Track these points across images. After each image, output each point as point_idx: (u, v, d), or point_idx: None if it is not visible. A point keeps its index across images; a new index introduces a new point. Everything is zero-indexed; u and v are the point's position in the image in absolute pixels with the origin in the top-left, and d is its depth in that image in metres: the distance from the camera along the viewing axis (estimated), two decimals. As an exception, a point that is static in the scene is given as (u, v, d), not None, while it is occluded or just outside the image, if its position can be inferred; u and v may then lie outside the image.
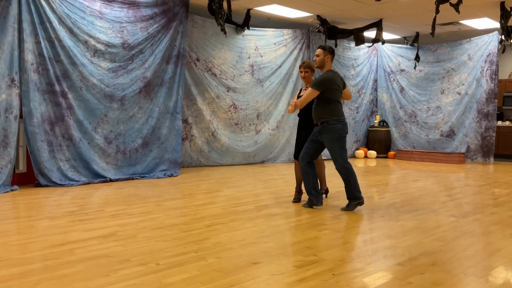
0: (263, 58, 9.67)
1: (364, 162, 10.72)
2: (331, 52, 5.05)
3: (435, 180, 7.85)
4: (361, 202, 5.10)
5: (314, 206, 5.19)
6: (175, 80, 7.79)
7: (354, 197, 5.06)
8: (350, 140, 11.60)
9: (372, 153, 11.67)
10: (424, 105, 11.52)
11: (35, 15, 6.21)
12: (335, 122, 4.96)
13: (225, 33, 7.98)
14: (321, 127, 5.00)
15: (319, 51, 5.05)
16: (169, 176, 7.59)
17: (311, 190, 5.15)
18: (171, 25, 7.68)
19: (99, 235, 3.92)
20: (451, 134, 11.11)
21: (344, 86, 5.18)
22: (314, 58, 5.13)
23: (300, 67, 5.59)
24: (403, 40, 11.61)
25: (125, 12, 7.15)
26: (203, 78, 8.76)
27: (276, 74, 9.86)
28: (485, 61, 10.52)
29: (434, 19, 7.84)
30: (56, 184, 6.37)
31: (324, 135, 4.99)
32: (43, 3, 6.26)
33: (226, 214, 4.86)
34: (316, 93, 4.92)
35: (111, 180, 6.96)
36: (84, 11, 6.70)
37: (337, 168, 5.04)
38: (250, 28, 9.27)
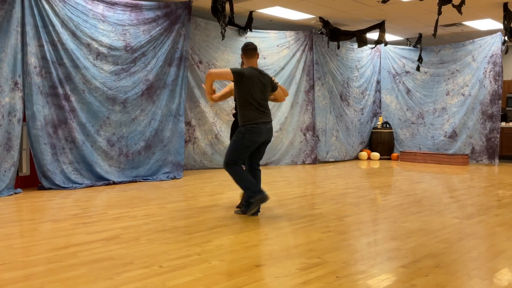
0: (266, 60, 9.67)
1: (367, 164, 10.70)
2: (243, 49, 4.81)
3: (439, 181, 7.83)
4: (259, 198, 4.63)
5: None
6: (178, 82, 7.80)
7: (249, 194, 4.68)
8: (356, 142, 11.57)
9: (375, 154, 11.65)
10: (430, 106, 11.50)
11: (38, 19, 6.23)
12: (243, 126, 4.68)
13: (223, 36, 7.98)
14: None
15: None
16: (172, 179, 7.59)
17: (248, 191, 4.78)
18: (174, 28, 7.69)
19: (102, 238, 3.92)
20: (453, 135, 11.08)
21: (274, 87, 4.85)
22: None
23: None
24: (406, 42, 11.59)
25: (127, 15, 7.17)
26: (205, 80, 8.76)
27: (279, 76, 9.85)
28: (488, 62, 10.49)
29: (437, 21, 7.82)
30: (59, 187, 6.38)
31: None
32: (46, 6, 6.29)
33: (229, 216, 4.85)
34: (230, 74, 4.61)
35: (114, 183, 6.96)
36: (87, 14, 6.71)
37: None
38: (253, 30, 9.28)
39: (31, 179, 6.54)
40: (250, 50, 4.76)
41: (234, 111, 5.22)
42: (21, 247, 3.68)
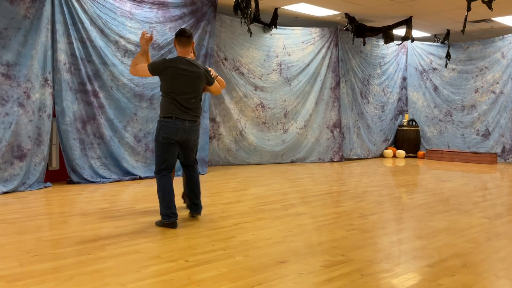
0: (291, 57, 9.65)
1: (392, 162, 10.59)
2: (175, 35, 4.31)
3: (466, 180, 7.69)
4: (167, 223, 4.13)
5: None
6: (203, 79, 7.85)
7: (161, 213, 4.20)
8: (378, 140, 11.45)
9: (401, 152, 11.51)
10: (458, 104, 11.30)
11: (67, 16, 6.36)
12: (158, 121, 4.23)
13: (250, 33, 8.00)
14: None
15: None
16: (197, 175, 7.65)
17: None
18: (199, 25, 7.75)
19: (129, 232, 4.00)
20: (486, 134, 10.87)
21: (210, 81, 4.39)
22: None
23: None
24: (434, 38, 11.40)
25: (154, 13, 7.25)
26: (231, 77, 8.81)
27: (304, 73, 9.83)
28: (519, 59, 10.25)
29: (466, 17, 7.67)
30: (87, 181, 6.51)
31: None
32: (76, 4, 6.41)
33: (253, 212, 4.88)
34: (146, 71, 4.19)
35: (140, 178, 7.06)
36: (115, 12, 6.82)
37: None
38: (278, 27, 9.27)
39: (60, 173, 6.69)
40: (185, 39, 4.25)
41: None
42: (50, 239, 3.78)
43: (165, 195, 4.19)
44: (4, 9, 5.75)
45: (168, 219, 4.14)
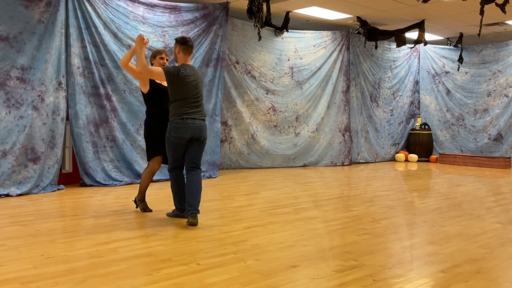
0: (303, 60, 9.65)
1: (405, 166, 10.52)
2: (180, 42, 4.47)
3: (480, 185, 7.62)
4: (179, 214, 4.65)
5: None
6: (215, 83, 7.89)
7: (175, 205, 4.69)
8: (387, 144, 11.38)
9: (413, 156, 11.43)
10: (471, 107, 11.20)
11: (81, 21, 6.42)
12: (169, 123, 4.47)
13: (259, 37, 8.02)
14: None
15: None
16: (208, 178, 7.68)
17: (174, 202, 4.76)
18: (211, 29, 7.78)
19: (141, 234, 4.02)
20: (498, 138, 10.76)
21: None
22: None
23: (162, 53, 4.91)
24: (446, 41, 11.33)
25: (167, 17, 7.30)
26: (242, 80, 8.83)
27: (315, 76, 9.82)
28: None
29: (481, 21, 7.60)
30: (100, 184, 6.56)
31: None
32: (89, 8, 6.48)
33: (265, 216, 4.88)
34: (162, 74, 4.34)
35: (152, 181, 7.08)
36: (127, 16, 6.88)
37: None
38: (289, 30, 9.28)
39: (73, 176, 6.75)
40: (190, 48, 4.51)
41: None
42: (64, 242, 3.81)
43: (179, 190, 4.64)
44: (19, 13, 5.83)
45: (182, 212, 4.62)
